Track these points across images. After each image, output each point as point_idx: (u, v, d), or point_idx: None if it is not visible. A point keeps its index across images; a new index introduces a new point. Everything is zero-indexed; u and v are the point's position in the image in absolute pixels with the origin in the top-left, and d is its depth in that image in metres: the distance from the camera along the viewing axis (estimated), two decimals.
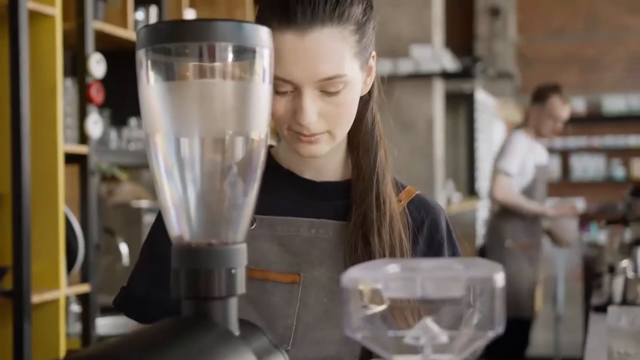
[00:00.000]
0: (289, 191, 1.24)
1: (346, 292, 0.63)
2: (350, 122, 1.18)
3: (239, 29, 0.67)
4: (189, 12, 3.66)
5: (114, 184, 3.59)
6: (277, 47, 0.78)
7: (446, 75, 6.14)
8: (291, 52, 1.08)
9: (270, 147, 1.26)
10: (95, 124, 2.88)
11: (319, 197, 1.23)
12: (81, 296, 2.90)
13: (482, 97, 7.53)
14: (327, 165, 1.24)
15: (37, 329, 2.61)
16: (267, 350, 0.70)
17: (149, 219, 3.34)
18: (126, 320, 1.30)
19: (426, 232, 1.24)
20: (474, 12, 9.34)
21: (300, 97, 1.11)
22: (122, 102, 2.82)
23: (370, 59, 1.20)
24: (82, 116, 2.87)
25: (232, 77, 0.68)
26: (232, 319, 0.68)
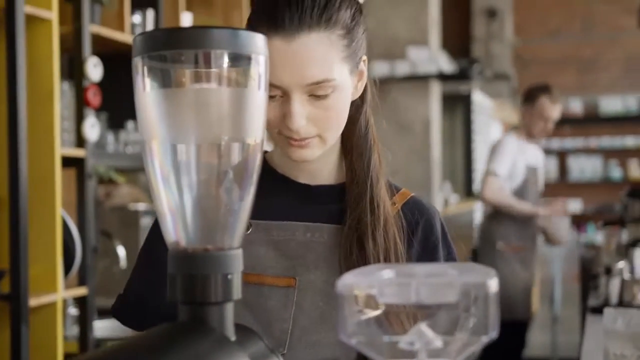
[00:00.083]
0: (284, 196, 1.24)
1: (341, 297, 0.64)
2: (340, 126, 1.18)
3: (234, 36, 0.67)
4: (186, 16, 3.66)
5: (111, 187, 3.59)
6: None
7: (443, 76, 6.15)
8: (279, 57, 1.09)
9: (264, 152, 1.26)
10: (92, 127, 2.89)
11: (313, 201, 1.24)
12: (79, 299, 2.90)
13: (479, 99, 7.54)
14: (321, 169, 1.25)
15: (35, 333, 2.61)
16: (263, 355, 0.70)
17: (146, 222, 3.34)
18: None
19: (421, 234, 1.25)
20: (470, 13, 9.35)
21: (289, 101, 1.12)
22: (119, 105, 2.82)
23: (360, 63, 1.20)
24: (79, 119, 2.87)
25: (228, 83, 0.68)
26: (229, 324, 0.68)
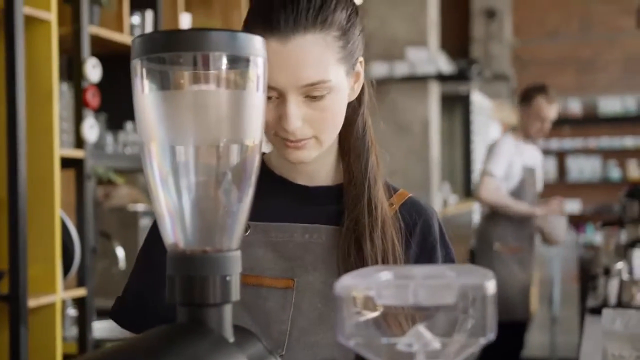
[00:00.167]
0: (282, 197, 1.24)
1: (339, 299, 0.64)
2: (337, 127, 1.18)
3: (232, 38, 0.67)
4: (185, 16, 3.66)
5: (110, 187, 3.59)
6: None
7: (442, 77, 6.15)
8: (275, 59, 1.09)
9: (262, 154, 1.26)
10: (91, 128, 2.89)
11: (311, 202, 1.24)
12: (77, 300, 2.90)
13: (478, 99, 7.54)
14: (318, 170, 1.25)
15: (34, 333, 2.61)
16: (262, 356, 0.70)
17: (145, 223, 3.34)
18: None
19: (419, 235, 1.25)
20: (469, 14, 9.35)
21: (284, 103, 1.12)
22: (118, 106, 2.82)
23: (357, 65, 1.20)
24: (78, 120, 2.87)
25: (227, 85, 0.68)
26: (227, 326, 0.68)
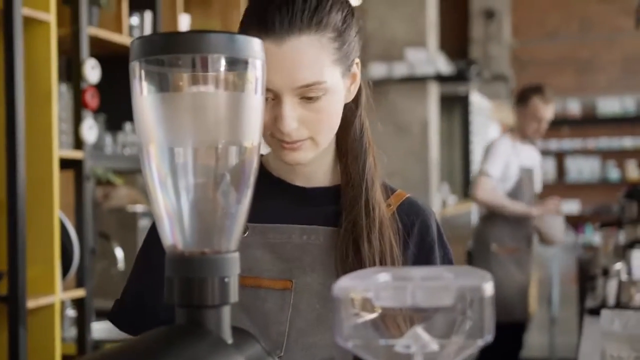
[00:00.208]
0: (280, 198, 1.24)
1: (337, 300, 0.64)
2: (333, 128, 1.18)
3: (231, 40, 0.68)
4: (184, 17, 3.66)
5: (109, 188, 3.59)
6: None
7: (441, 78, 6.15)
8: (270, 60, 1.09)
9: (260, 155, 1.27)
10: (90, 129, 2.89)
11: (309, 203, 1.24)
12: (76, 301, 2.90)
13: (477, 100, 7.54)
14: (316, 171, 1.25)
15: (33, 334, 2.61)
16: (260, 357, 0.70)
17: (144, 223, 3.34)
18: None
19: (416, 235, 1.25)
20: (468, 14, 9.36)
21: (280, 104, 1.12)
22: (117, 107, 2.82)
23: (353, 66, 1.20)
24: (77, 121, 2.87)
25: (225, 87, 0.68)
26: (225, 327, 0.68)
